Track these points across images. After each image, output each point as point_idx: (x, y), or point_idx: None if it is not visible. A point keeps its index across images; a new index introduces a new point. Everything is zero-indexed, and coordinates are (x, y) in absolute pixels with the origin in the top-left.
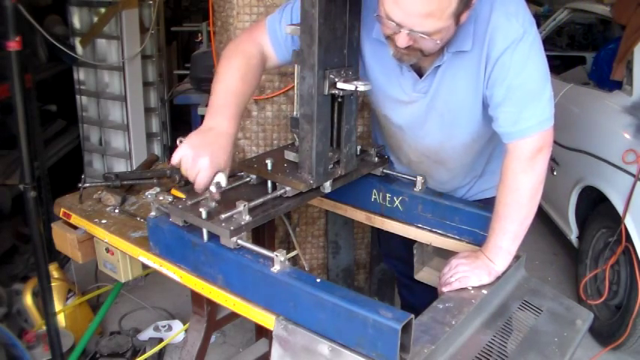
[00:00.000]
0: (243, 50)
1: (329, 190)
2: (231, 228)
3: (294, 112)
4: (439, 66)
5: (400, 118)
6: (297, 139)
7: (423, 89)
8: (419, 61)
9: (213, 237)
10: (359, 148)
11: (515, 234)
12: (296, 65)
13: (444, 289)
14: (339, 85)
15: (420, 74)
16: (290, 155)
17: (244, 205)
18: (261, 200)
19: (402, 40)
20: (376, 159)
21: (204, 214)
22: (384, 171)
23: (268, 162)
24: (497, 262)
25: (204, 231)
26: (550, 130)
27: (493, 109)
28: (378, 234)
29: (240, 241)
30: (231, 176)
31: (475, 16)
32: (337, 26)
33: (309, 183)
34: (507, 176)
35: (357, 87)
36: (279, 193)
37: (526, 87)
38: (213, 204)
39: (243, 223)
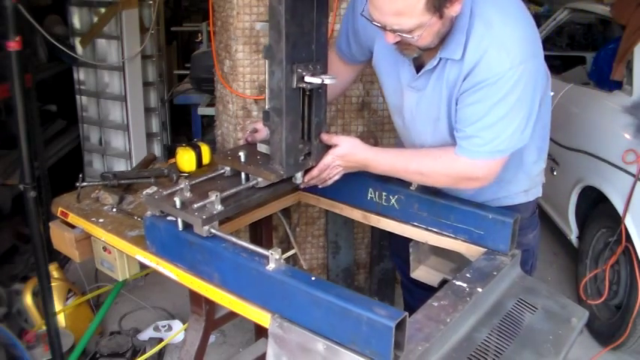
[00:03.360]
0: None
1: (300, 181)
2: (203, 217)
3: (265, 106)
4: (432, 69)
5: (398, 111)
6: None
7: (417, 87)
8: (421, 58)
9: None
10: None
11: (392, 166)
12: (266, 60)
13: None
14: (307, 78)
15: (419, 70)
16: (262, 147)
17: (216, 195)
18: (233, 191)
19: (389, 37)
20: None
21: (178, 204)
22: None
23: (242, 154)
24: (370, 164)
25: (179, 220)
26: (498, 161)
27: (456, 122)
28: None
29: (212, 230)
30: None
31: (469, 29)
32: (304, 22)
33: (280, 174)
34: (438, 159)
35: (323, 80)
36: (251, 183)
37: (490, 120)
38: (188, 194)
39: (215, 212)
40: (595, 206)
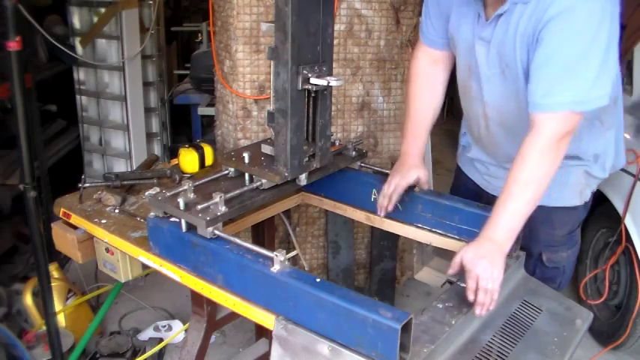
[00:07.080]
0: (410, 75)
1: (305, 183)
2: (207, 218)
3: (270, 107)
4: (501, 15)
5: (474, 72)
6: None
7: (485, 37)
8: (491, 9)
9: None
10: (337, 142)
11: (517, 212)
12: (271, 61)
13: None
14: (312, 80)
15: None
16: (266, 149)
17: (220, 197)
18: (237, 192)
19: None
20: (353, 153)
21: (181, 205)
22: (385, 171)
23: (246, 155)
24: (498, 238)
25: (183, 221)
26: (578, 115)
27: (531, 71)
28: None
29: (216, 231)
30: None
31: None
32: (310, 23)
33: (284, 175)
34: (526, 152)
35: (329, 82)
36: (255, 185)
37: (567, 60)
38: (192, 195)
39: (219, 213)
40: (595, 206)
